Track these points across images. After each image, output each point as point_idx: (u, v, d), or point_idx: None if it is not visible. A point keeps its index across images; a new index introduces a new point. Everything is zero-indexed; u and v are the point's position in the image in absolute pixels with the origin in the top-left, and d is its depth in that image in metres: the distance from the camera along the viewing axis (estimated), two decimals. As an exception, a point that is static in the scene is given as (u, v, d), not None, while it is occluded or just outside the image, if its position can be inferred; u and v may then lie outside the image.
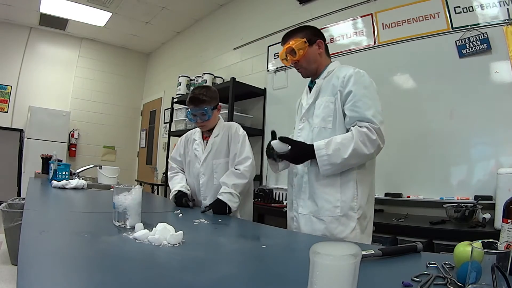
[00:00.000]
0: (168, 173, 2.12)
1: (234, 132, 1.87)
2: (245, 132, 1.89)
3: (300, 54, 1.45)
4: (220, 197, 1.67)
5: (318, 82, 1.47)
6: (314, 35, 1.48)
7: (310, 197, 1.40)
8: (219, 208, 1.64)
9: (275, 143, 1.37)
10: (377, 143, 1.28)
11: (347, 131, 1.35)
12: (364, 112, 1.30)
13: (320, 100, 1.44)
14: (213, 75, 4.12)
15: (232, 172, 1.78)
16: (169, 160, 2.14)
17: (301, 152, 1.35)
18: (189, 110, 1.85)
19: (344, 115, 1.37)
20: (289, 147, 1.35)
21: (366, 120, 1.29)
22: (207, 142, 1.92)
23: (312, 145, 1.33)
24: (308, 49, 1.45)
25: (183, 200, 1.82)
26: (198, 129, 1.97)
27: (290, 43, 1.46)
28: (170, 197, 1.90)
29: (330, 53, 1.58)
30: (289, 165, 1.54)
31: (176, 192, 1.87)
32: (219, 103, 1.91)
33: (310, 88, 1.54)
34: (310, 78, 1.56)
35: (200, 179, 1.90)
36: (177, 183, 1.95)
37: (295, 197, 1.49)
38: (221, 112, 2.01)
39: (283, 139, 1.36)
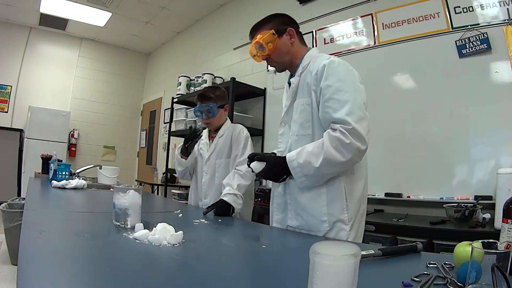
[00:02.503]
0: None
1: (237, 134, 1.92)
2: (248, 134, 1.94)
3: (269, 48, 1.30)
4: (225, 198, 1.65)
5: (294, 81, 1.32)
6: (283, 24, 1.34)
7: (296, 211, 1.28)
8: (223, 209, 1.60)
9: (254, 164, 1.28)
10: (354, 147, 1.10)
11: None
12: (335, 112, 1.14)
13: (297, 102, 1.30)
14: (213, 75, 4.12)
15: (235, 173, 1.80)
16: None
17: (276, 168, 1.24)
18: (196, 106, 1.94)
19: None
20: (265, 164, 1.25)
21: (338, 121, 1.13)
22: (212, 142, 1.99)
23: (285, 157, 1.22)
24: (278, 41, 1.31)
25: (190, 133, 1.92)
26: (206, 129, 2.07)
27: (258, 37, 1.31)
28: (176, 151, 2.03)
29: (330, 53, 1.55)
30: None
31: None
32: (227, 104, 1.98)
33: (290, 84, 1.40)
34: (289, 72, 1.41)
35: (202, 177, 1.98)
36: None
37: (276, 209, 1.37)
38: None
39: (259, 158, 1.27)
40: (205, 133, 2.06)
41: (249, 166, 1.32)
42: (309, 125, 1.25)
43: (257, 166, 1.28)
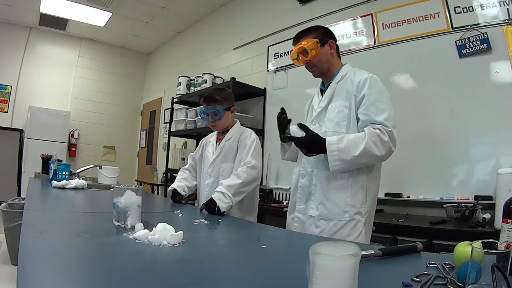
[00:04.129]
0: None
1: (244, 138, 1.88)
2: (255, 139, 1.88)
3: (312, 54, 1.45)
4: (212, 196, 1.67)
5: (332, 86, 1.47)
6: (326, 36, 1.48)
7: (319, 200, 1.39)
8: (210, 207, 1.63)
9: (293, 128, 1.40)
10: (389, 145, 1.29)
11: None
12: (377, 116, 1.31)
13: (334, 104, 1.44)
14: (213, 75, 4.12)
15: (232, 174, 1.79)
16: (189, 155, 2.26)
17: (313, 141, 1.34)
18: (202, 109, 1.91)
19: (358, 120, 1.37)
20: (304, 134, 1.35)
21: (378, 123, 1.31)
22: (219, 144, 1.95)
23: (325, 139, 1.33)
24: (320, 50, 1.45)
25: (176, 198, 1.94)
26: (215, 131, 2.03)
27: (302, 43, 1.46)
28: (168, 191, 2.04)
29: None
30: (296, 158, 1.56)
31: (173, 189, 1.98)
32: (233, 106, 1.94)
33: (322, 91, 1.54)
34: (322, 81, 1.56)
35: (206, 180, 1.94)
36: (177, 181, 2.05)
37: (299, 199, 1.47)
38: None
39: (301, 126, 1.36)
40: (214, 135, 2.03)
41: (284, 136, 1.44)
42: (344, 124, 1.39)
43: (297, 131, 1.39)
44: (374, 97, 1.35)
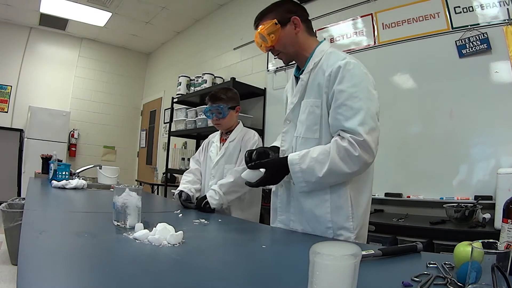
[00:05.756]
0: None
1: (247, 139, 1.90)
2: (257, 140, 1.91)
3: (272, 39, 1.23)
4: (206, 193, 1.71)
5: (303, 78, 1.24)
6: (287, 12, 1.25)
7: (299, 215, 1.24)
8: (199, 202, 1.67)
9: (246, 175, 1.19)
10: (362, 160, 1.07)
11: None
12: (346, 121, 1.09)
13: (306, 101, 1.22)
14: (213, 75, 4.12)
15: (228, 173, 1.83)
16: (190, 159, 2.23)
17: (276, 170, 1.17)
18: (207, 107, 1.94)
19: None
20: (263, 170, 1.17)
21: (348, 131, 1.08)
22: (223, 145, 1.96)
23: (286, 158, 1.15)
24: (281, 32, 1.23)
25: (185, 200, 1.89)
26: (218, 132, 2.05)
27: (260, 28, 1.25)
28: (174, 194, 1.99)
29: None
30: None
31: (179, 192, 1.92)
32: (238, 106, 1.97)
33: (297, 79, 1.31)
34: (296, 65, 1.34)
35: (210, 180, 1.95)
36: (182, 184, 2.02)
37: (280, 208, 1.32)
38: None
39: (254, 167, 1.18)
40: (217, 136, 2.03)
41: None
42: (316, 128, 1.18)
43: (252, 175, 1.18)
44: (346, 93, 1.10)
